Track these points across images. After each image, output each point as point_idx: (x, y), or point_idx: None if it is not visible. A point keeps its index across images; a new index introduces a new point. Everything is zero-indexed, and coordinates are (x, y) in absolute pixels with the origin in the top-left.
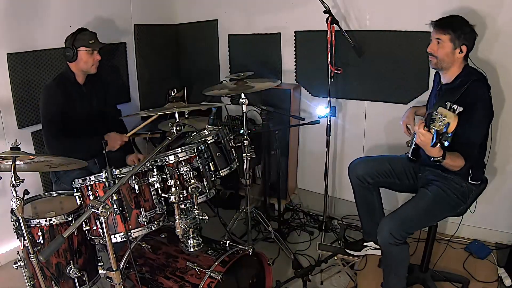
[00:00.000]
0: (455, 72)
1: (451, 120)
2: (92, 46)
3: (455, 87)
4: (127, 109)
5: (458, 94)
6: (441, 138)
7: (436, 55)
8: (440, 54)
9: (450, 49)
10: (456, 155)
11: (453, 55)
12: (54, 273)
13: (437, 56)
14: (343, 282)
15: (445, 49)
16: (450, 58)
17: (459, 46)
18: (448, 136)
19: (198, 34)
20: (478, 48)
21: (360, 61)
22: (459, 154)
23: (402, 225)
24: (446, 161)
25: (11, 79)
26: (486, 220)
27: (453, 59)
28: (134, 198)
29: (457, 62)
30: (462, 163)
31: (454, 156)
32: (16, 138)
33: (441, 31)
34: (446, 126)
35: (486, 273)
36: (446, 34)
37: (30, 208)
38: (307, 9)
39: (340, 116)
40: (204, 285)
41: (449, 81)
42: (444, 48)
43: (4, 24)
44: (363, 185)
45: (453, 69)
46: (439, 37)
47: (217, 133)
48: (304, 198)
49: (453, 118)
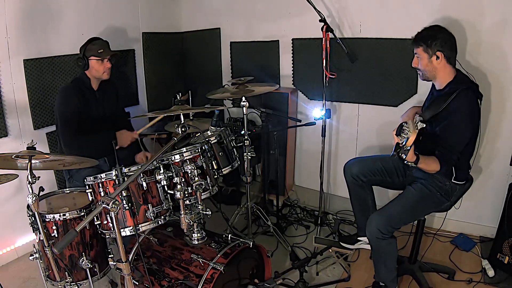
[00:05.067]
0: (447, 79)
1: (411, 135)
2: (101, 55)
3: (444, 94)
4: (136, 111)
5: (446, 100)
6: (399, 151)
7: (419, 68)
8: (421, 66)
9: (426, 59)
10: (432, 159)
11: (431, 63)
12: (68, 264)
13: (420, 68)
14: (337, 273)
15: (423, 61)
16: (429, 67)
17: (433, 54)
18: (406, 150)
19: (202, 41)
20: (466, 55)
21: (353, 67)
22: (435, 159)
23: (389, 221)
24: (420, 165)
25: (27, 83)
26: (471, 215)
27: (433, 67)
28: (142, 195)
29: (441, 69)
30: (437, 167)
31: (429, 160)
32: (32, 139)
33: (415, 46)
34: (405, 140)
35: (471, 265)
36: (419, 47)
37: (45, 204)
38: (304, 18)
39: (334, 118)
40: (208, 275)
41: (441, 87)
42: (422, 60)
43: (21, 33)
44: (357, 183)
45: (443, 76)
46: (415, 51)
47: (219, 134)
48: (301, 194)
49: (412, 133)
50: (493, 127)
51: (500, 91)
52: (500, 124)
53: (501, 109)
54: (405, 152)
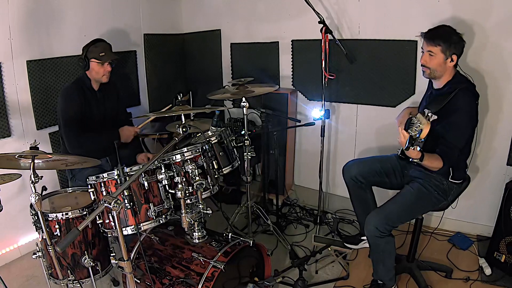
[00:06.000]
0: (446, 79)
1: (424, 127)
2: (102, 59)
3: (443, 93)
4: (137, 112)
5: (446, 99)
6: (414, 143)
7: (429, 66)
8: (432, 65)
9: (442, 59)
10: (435, 157)
11: (445, 64)
12: (70, 263)
13: (430, 67)
14: (336, 271)
15: (437, 60)
16: (442, 67)
17: (450, 56)
18: (420, 142)
19: (202, 42)
20: (467, 57)
21: (352, 68)
22: (438, 156)
23: (387, 220)
24: (424, 162)
25: (30, 84)
26: (468, 214)
27: (445, 68)
28: (144, 194)
29: (448, 70)
30: (440, 164)
31: (433, 158)
32: (35, 139)
33: (432, 44)
34: (419, 132)
35: (468, 263)
36: (437, 46)
37: (48, 203)
38: (303, 19)
39: (333, 118)
40: (208, 274)
41: (440, 86)
42: (436, 59)
43: (24, 34)
44: (357, 184)
45: (444, 76)
46: (430, 49)
47: (220, 134)
48: (300, 193)
49: (426, 125)
50: (490, 127)
51: (496, 91)
52: (497, 124)
53: (498, 109)
54: (419, 144)
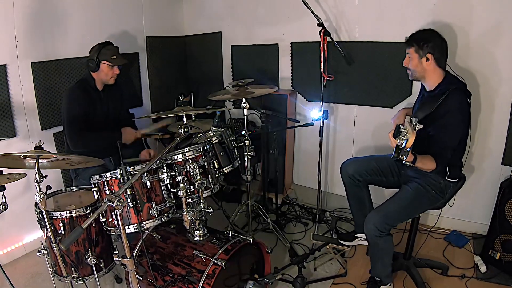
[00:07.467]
0: (437, 81)
1: (409, 137)
2: (114, 62)
3: (435, 94)
4: (139, 112)
5: (437, 101)
6: (400, 152)
7: (409, 68)
8: (411, 66)
9: (417, 59)
10: (428, 158)
11: (421, 64)
12: (74, 260)
13: (410, 68)
14: (335, 269)
15: (413, 61)
16: (419, 67)
17: (424, 55)
18: (406, 152)
19: (203, 44)
20: (456, 57)
21: (349, 69)
22: (431, 158)
23: (386, 219)
24: (417, 164)
25: (35, 85)
26: (463, 213)
27: (422, 68)
28: (146, 193)
29: (430, 71)
30: (433, 166)
31: (426, 159)
32: (40, 139)
33: (408, 46)
34: (405, 141)
35: (464, 261)
36: (411, 47)
37: (52, 202)
38: (302, 22)
39: (331, 119)
40: (209, 271)
41: (431, 88)
42: (413, 60)
43: (29, 37)
44: (354, 183)
45: (433, 78)
46: (407, 51)
47: (221, 134)
48: (299, 192)
49: (411, 134)
50: (484, 127)
51: (489, 91)
52: (491, 123)
53: (491, 109)
54: (405, 153)
